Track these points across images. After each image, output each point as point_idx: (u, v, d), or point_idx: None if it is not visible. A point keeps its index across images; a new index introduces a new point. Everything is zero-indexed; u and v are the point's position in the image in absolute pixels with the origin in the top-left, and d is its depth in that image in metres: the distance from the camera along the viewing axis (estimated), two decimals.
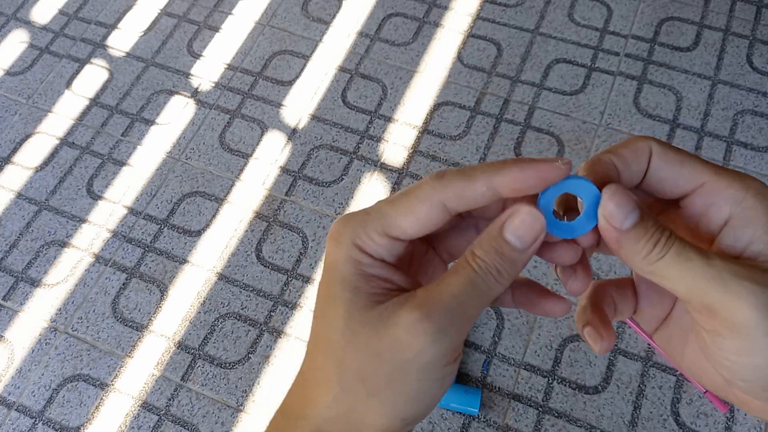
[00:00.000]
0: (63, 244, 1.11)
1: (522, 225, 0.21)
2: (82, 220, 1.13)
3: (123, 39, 1.32)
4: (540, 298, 0.25)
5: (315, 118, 1.20)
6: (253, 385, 0.98)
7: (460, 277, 0.21)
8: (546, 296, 0.25)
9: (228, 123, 1.21)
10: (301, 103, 1.22)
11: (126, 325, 1.04)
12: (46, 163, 1.19)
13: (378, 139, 1.17)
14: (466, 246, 0.24)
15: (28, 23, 1.36)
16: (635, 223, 0.20)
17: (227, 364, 1.00)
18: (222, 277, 1.06)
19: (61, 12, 1.37)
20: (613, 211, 0.20)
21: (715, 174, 0.21)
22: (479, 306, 0.21)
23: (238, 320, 1.03)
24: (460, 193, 0.22)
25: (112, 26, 1.34)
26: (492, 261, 0.21)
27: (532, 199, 0.22)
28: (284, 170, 1.15)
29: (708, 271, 0.19)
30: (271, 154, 1.17)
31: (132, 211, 1.14)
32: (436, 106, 1.19)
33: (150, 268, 1.08)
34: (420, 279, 0.25)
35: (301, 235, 1.09)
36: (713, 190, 0.21)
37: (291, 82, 1.24)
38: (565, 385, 0.95)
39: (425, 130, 1.17)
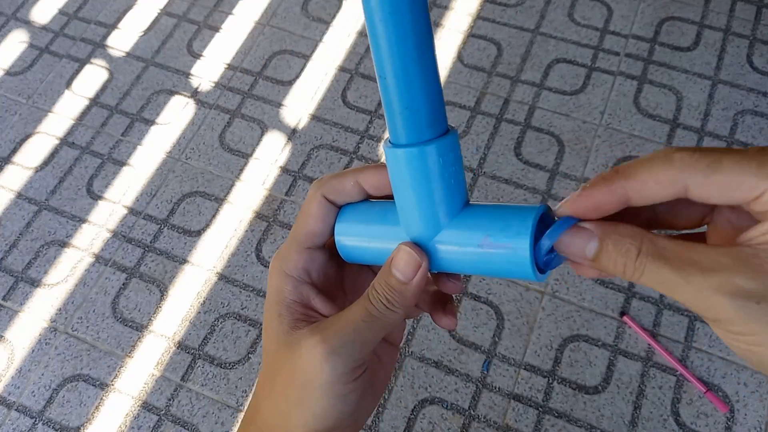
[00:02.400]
0: (63, 244, 1.11)
1: (401, 262, 0.24)
2: (82, 220, 1.13)
3: (123, 39, 1.32)
4: (436, 310, 0.28)
5: (315, 117, 1.20)
6: (253, 385, 0.98)
7: (359, 306, 0.25)
8: (439, 311, 0.28)
9: (228, 123, 1.21)
10: (301, 103, 1.22)
11: (126, 325, 1.04)
12: (46, 163, 1.19)
13: (378, 139, 1.17)
14: None
15: (27, 23, 1.36)
16: (596, 252, 0.21)
17: (227, 364, 1.00)
18: (222, 277, 1.06)
19: (61, 12, 1.37)
20: (568, 248, 0.21)
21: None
22: (376, 331, 0.24)
23: (238, 320, 1.03)
24: (335, 187, 0.26)
25: (112, 26, 1.34)
26: (383, 292, 0.24)
27: (415, 247, 0.24)
28: (284, 170, 1.15)
29: (681, 284, 0.19)
30: (271, 154, 1.17)
31: (132, 211, 1.13)
32: None
33: (150, 268, 1.08)
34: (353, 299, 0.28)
35: None
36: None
37: (291, 82, 1.24)
38: (565, 385, 0.95)
39: None
